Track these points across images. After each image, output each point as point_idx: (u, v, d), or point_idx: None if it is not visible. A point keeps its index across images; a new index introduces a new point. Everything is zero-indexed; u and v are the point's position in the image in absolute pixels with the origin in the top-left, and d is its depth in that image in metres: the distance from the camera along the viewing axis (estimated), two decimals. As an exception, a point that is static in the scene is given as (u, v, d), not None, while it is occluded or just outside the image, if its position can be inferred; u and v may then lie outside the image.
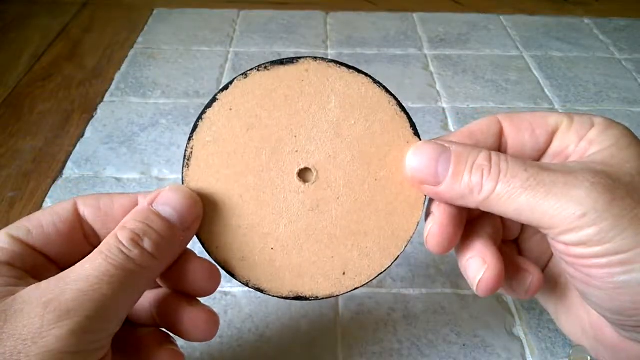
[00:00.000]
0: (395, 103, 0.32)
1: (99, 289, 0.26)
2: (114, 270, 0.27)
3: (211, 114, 0.32)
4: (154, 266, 0.29)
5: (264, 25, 0.90)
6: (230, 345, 0.42)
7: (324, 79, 0.31)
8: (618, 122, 0.31)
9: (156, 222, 0.29)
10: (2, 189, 0.57)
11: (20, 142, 0.64)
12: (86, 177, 0.58)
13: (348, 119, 0.31)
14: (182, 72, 0.77)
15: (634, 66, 0.81)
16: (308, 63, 0.31)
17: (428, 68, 0.80)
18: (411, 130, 0.32)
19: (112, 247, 0.28)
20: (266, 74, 0.31)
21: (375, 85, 0.32)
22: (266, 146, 0.31)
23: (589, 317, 0.33)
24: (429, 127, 0.67)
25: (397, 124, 0.32)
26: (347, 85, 0.31)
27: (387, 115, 0.32)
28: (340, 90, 0.31)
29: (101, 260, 0.27)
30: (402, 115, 0.32)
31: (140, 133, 0.65)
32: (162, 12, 0.93)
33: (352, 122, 0.32)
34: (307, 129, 0.31)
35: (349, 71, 0.32)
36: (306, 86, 0.31)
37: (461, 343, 0.44)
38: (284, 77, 0.31)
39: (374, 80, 0.32)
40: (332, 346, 0.43)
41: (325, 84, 0.31)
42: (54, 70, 0.77)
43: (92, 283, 0.26)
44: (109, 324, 0.26)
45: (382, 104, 0.32)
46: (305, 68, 0.31)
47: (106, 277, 0.26)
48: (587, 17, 0.95)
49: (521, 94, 0.75)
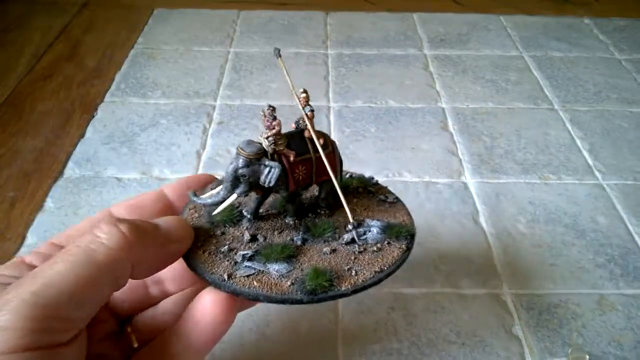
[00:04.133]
0: None
1: (53, 264, 0.27)
2: (75, 249, 0.27)
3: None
4: (123, 253, 0.28)
5: (264, 26, 0.90)
6: (231, 343, 0.43)
7: None
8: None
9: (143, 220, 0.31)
10: (3, 189, 0.57)
11: (20, 142, 0.64)
12: (87, 177, 0.58)
13: None
14: (183, 72, 0.77)
15: (634, 66, 0.82)
16: None
17: (428, 68, 0.80)
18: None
19: (86, 234, 0.28)
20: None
21: None
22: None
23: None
24: (428, 127, 0.68)
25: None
26: None
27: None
28: None
29: (71, 245, 0.28)
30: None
31: (141, 133, 0.65)
32: (162, 12, 0.93)
33: None
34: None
35: None
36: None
37: (460, 342, 0.44)
38: None
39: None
40: (332, 345, 0.43)
41: None
42: (54, 70, 0.78)
43: (50, 262, 0.27)
44: (62, 304, 0.26)
45: None
46: None
47: (65, 254, 0.27)
48: (587, 17, 0.95)
49: (521, 94, 0.75)
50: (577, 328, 0.45)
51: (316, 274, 0.32)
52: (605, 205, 0.57)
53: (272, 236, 0.35)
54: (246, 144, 0.34)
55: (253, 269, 0.33)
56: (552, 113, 0.71)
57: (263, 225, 0.36)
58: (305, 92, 0.35)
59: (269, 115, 0.33)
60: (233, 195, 0.34)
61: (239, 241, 0.34)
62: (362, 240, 0.35)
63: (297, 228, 0.36)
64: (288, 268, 0.33)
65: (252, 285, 0.32)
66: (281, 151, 0.34)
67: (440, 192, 0.58)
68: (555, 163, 0.63)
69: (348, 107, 0.70)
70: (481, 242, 0.52)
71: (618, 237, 0.54)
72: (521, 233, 0.54)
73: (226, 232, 0.35)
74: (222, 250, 0.34)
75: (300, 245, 0.35)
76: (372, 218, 0.37)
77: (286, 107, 0.58)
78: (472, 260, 0.51)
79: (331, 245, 0.35)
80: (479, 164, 0.62)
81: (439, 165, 0.62)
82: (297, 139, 0.35)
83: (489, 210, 0.56)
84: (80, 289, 0.26)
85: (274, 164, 0.33)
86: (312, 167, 0.35)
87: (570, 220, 0.55)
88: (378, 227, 0.36)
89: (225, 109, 0.70)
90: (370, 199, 0.39)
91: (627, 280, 0.49)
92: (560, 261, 0.51)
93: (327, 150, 0.35)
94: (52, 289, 0.25)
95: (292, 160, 0.34)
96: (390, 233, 0.36)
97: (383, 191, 0.40)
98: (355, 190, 0.40)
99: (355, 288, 0.32)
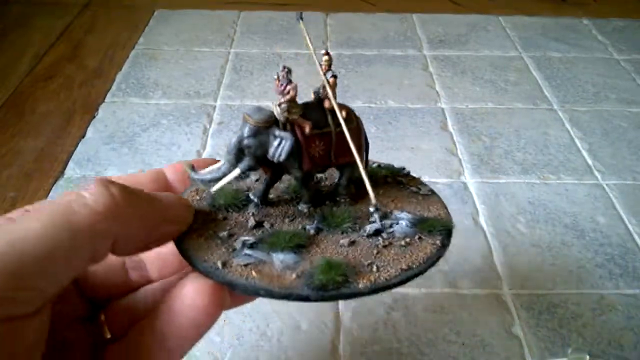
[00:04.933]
0: None
1: (25, 219, 0.23)
2: (53, 206, 0.23)
3: None
4: (106, 219, 0.24)
5: (264, 26, 0.90)
6: (231, 343, 0.43)
7: None
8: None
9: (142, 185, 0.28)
10: (3, 189, 0.57)
11: (22, 143, 0.64)
12: (88, 177, 0.59)
13: None
14: (183, 72, 0.77)
15: (633, 66, 0.82)
16: None
17: (427, 69, 0.80)
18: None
19: (72, 192, 0.25)
20: None
21: None
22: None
23: None
24: (428, 127, 0.68)
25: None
26: None
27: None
28: None
29: (52, 200, 0.24)
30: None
31: (142, 133, 0.65)
32: (163, 13, 0.93)
33: None
34: None
35: None
36: None
37: (460, 342, 0.44)
38: None
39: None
40: (332, 345, 0.43)
41: None
42: (55, 70, 0.78)
43: (24, 216, 0.23)
44: (26, 268, 0.22)
45: None
46: None
47: (41, 210, 0.23)
48: (585, 17, 0.96)
49: (520, 95, 0.75)
50: (577, 328, 0.45)
51: (329, 266, 0.27)
52: (605, 205, 0.57)
53: (282, 224, 0.30)
54: (255, 111, 0.29)
55: (253, 257, 0.28)
56: (552, 113, 0.72)
57: (272, 211, 0.31)
58: (328, 54, 0.30)
59: (282, 79, 0.29)
60: (235, 170, 0.29)
61: (242, 227, 0.30)
62: (389, 233, 0.30)
63: (312, 216, 0.31)
64: (295, 259, 0.28)
65: (250, 275, 0.27)
66: (295, 121, 0.29)
67: (440, 192, 0.58)
68: (554, 163, 0.63)
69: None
70: (481, 242, 0.53)
71: (618, 236, 0.54)
72: (521, 233, 0.54)
73: (229, 217, 0.30)
74: (221, 235, 0.29)
75: (313, 234, 0.29)
76: (401, 210, 0.32)
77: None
78: (472, 260, 0.51)
79: (350, 237, 0.29)
80: (478, 164, 0.62)
81: (439, 165, 0.62)
82: (315, 110, 0.30)
83: (489, 210, 0.56)
84: (49, 255, 0.22)
85: (286, 134, 0.28)
86: (331, 144, 0.30)
87: (570, 220, 0.55)
88: (408, 219, 0.31)
89: (225, 109, 0.70)
90: (401, 189, 0.34)
91: (626, 280, 0.49)
92: (560, 261, 0.51)
93: (351, 125, 0.30)
94: (15, 252, 0.22)
95: (307, 133, 0.29)
96: (422, 227, 0.31)
97: (415, 182, 0.35)
98: (383, 180, 0.34)
99: (375, 287, 0.27)
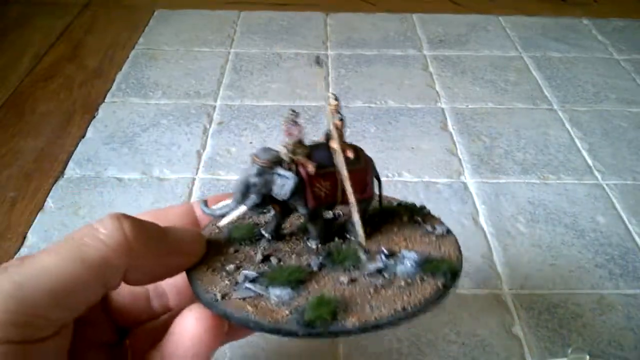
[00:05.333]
0: None
1: (42, 254, 0.25)
2: (69, 242, 0.26)
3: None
4: (117, 254, 0.26)
5: (264, 26, 0.90)
6: (230, 343, 0.43)
7: None
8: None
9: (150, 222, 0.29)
10: (3, 189, 0.57)
11: (21, 143, 0.64)
12: (87, 177, 0.59)
13: None
14: (183, 72, 0.77)
15: (633, 66, 0.82)
16: None
17: (427, 69, 0.80)
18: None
19: (88, 225, 0.26)
20: None
21: None
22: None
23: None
24: (428, 127, 0.68)
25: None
26: None
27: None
28: None
29: (69, 235, 0.26)
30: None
31: (142, 133, 0.65)
32: (163, 13, 0.93)
33: None
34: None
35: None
36: None
37: (460, 342, 0.44)
38: None
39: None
40: (332, 345, 0.43)
41: None
42: (55, 70, 0.78)
43: (42, 250, 0.25)
44: (40, 300, 0.24)
45: None
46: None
47: (57, 245, 0.25)
48: (585, 17, 0.96)
49: (520, 95, 0.75)
50: (577, 328, 0.45)
51: (319, 303, 0.28)
52: (605, 205, 0.57)
53: (289, 259, 0.31)
54: (262, 151, 0.30)
55: (252, 291, 0.29)
56: (552, 113, 0.72)
57: (282, 246, 0.32)
58: (336, 98, 0.31)
59: (288, 121, 0.30)
60: (242, 207, 0.31)
61: (250, 261, 0.31)
62: (390, 272, 0.30)
63: (319, 253, 0.32)
64: (291, 295, 0.28)
65: (245, 309, 0.28)
66: (299, 160, 0.30)
67: (440, 192, 0.58)
68: (554, 163, 0.63)
69: (348, 107, 0.71)
70: (481, 242, 0.53)
71: (618, 236, 0.54)
72: (521, 233, 0.54)
73: (241, 250, 0.32)
74: (228, 268, 0.30)
75: (315, 271, 0.30)
76: (409, 249, 0.32)
77: (285, 107, 0.58)
78: (472, 260, 0.51)
79: (352, 275, 0.30)
80: (478, 164, 0.62)
81: (439, 166, 0.62)
82: (321, 150, 0.31)
83: (489, 210, 0.56)
84: (62, 287, 0.24)
85: (289, 174, 0.30)
86: (337, 184, 0.31)
87: (570, 220, 0.55)
88: (413, 259, 0.31)
89: (225, 109, 0.70)
90: (415, 228, 0.34)
91: (626, 280, 0.49)
92: (560, 261, 0.51)
93: (358, 165, 0.31)
94: (32, 283, 0.24)
95: (310, 172, 0.30)
96: (426, 267, 0.30)
97: (433, 221, 0.34)
98: (399, 218, 0.34)
99: (364, 326, 0.27)
